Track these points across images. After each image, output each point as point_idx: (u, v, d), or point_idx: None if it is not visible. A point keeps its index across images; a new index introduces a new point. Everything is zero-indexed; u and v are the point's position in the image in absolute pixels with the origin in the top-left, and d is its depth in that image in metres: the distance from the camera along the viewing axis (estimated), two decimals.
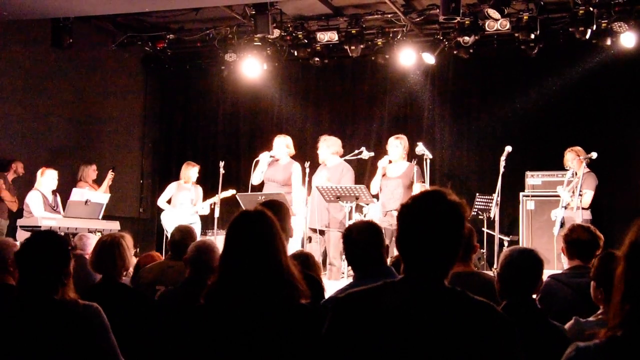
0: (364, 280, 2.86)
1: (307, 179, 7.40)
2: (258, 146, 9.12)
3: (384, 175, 7.52)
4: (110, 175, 8.96)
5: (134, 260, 4.15)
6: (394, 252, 6.72)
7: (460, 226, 1.84)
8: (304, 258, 3.84)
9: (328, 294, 3.49)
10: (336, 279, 7.18)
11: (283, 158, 7.65)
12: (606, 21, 8.00)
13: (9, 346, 2.54)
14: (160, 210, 8.81)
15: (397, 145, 7.41)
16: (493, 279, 3.55)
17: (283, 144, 7.63)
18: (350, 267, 7.02)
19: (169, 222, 8.45)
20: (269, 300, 2.13)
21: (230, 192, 8.18)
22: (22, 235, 7.18)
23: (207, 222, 9.16)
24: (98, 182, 8.94)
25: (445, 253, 1.84)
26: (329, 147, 7.51)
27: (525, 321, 2.63)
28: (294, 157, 7.75)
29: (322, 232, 7.40)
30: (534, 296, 2.89)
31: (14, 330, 2.56)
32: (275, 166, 7.66)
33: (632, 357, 1.47)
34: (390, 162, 7.47)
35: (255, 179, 7.63)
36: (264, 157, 7.62)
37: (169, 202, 8.68)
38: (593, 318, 2.82)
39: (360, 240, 3.07)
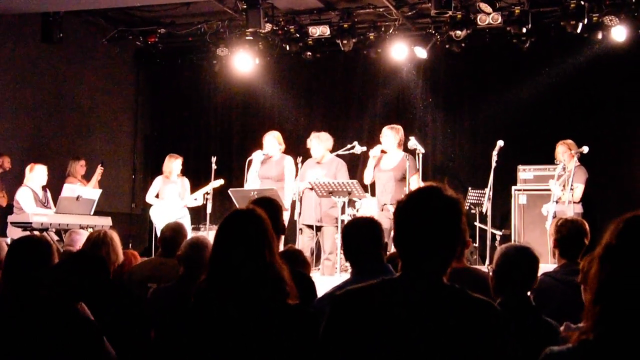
0: (361, 276, 2.86)
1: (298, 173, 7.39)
2: (250, 141, 9.10)
3: (377, 166, 7.42)
4: (99, 170, 8.90)
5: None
6: (391, 248, 6.72)
7: (457, 222, 1.82)
8: (293, 255, 3.83)
9: (322, 289, 3.47)
10: (330, 274, 7.17)
11: (275, 154, 7.65)
12: (597, 15, 8.02)
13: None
14: (150, 206, 8.77)
15: (387, 135, 7.31)
16: (486, 275, 3.55)
17: (274, 141, 7.62)
18: (346, 263, 7.10)
19: (158, 216, 8.40)
20: (255, 300, 2.13)
21: (218, 182, 8.16)
22: (12, 232, 7.13)
23: (199, 216, 9.13)
24: (87, 177, 8.88)
25: (443, 249, 1.82)
26: (322, 142, 7.45)
27: (519, 318, 2.63)
28: (285, 152, 7.75)
29: (316, 228, 7.36)
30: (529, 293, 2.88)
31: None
32: (268, 163, 7.65)
33: None
34: (383, 152, 7.37)
35: (250, 180, 7.61)
36: (256, 156, 7.62)
37: (157, 196, 8.64)
38: (583, 324, 2.82)
39: (359, 236, 3.06)
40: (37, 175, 7.78)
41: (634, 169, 8.70)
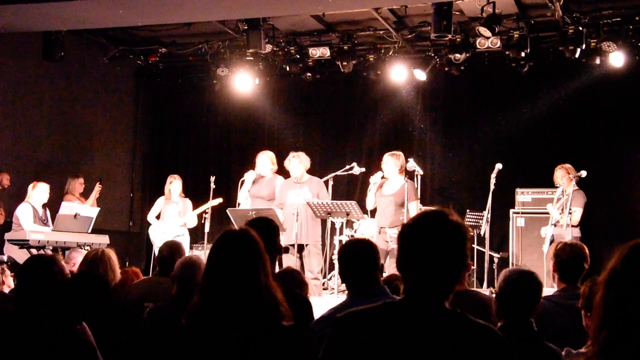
0: (358, 299, 2.86)
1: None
2: (249, 160, 9.09)
3: (379, 190, 7.43)
4: (97, 188, 8.89)
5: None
6: (388, 270, 6.70)
7: (462, 247, 1.82)
8: (290, 275, 3.81)
9: (316, 310, 3.45)
10: (319, 294, 7.16)
11: (268, 174, 7.75)
12: (595, 41, 8.09)
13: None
14: (149, 225, 8.76)
15: (386, 162, 7.36)
16: (487, 298, 3.54)
17: (267, 160, 7.75)
18: (340, 284, 7.08)
19: (157, 235, 8.41)
20: (248, 322, 2.12)
21: (217, 201, 8.22)
22: (9, 249, 7.10)
23: (197, 236, 9.12)
24: (85, 195, 8.87)
25: (446, 274, 1.82)
26: (301, 162, 7.52)
27: (522, 343, 2.62)
28: (277, 172, 7.83)
29: (299, 247, 7.35)
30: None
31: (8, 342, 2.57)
32: (259, 182, 7.78)
33: None
34: (383, 177, 7.40)
35: (241, 199, 7.74)
36: (249, 176, 7.72)
37: (158, 217, 8.64)
38: (584, 349, 2.80)
39: (356, 258, 3.05)
40: (39, 193, 7.75)
41: (631, 193, 8.72)
